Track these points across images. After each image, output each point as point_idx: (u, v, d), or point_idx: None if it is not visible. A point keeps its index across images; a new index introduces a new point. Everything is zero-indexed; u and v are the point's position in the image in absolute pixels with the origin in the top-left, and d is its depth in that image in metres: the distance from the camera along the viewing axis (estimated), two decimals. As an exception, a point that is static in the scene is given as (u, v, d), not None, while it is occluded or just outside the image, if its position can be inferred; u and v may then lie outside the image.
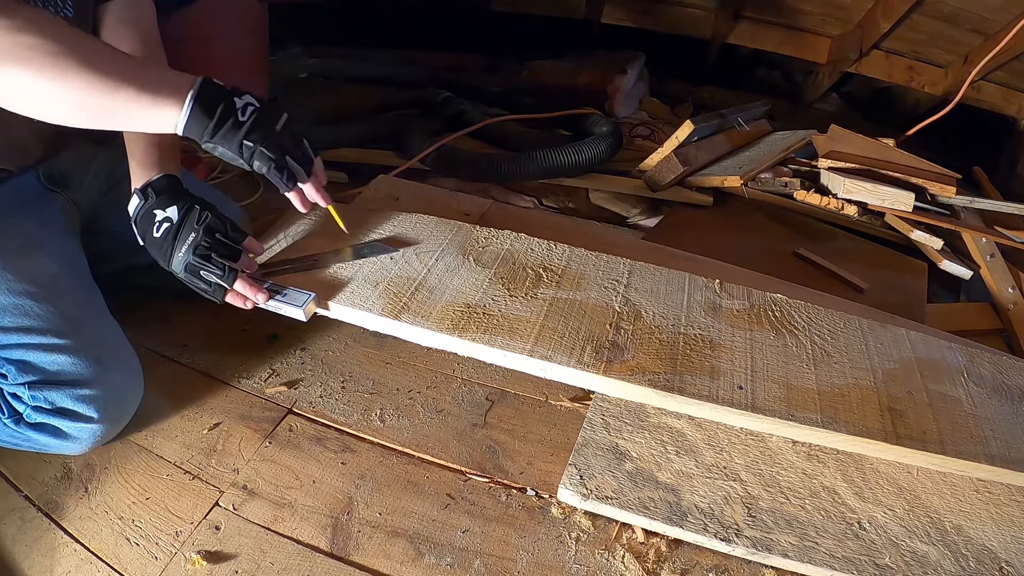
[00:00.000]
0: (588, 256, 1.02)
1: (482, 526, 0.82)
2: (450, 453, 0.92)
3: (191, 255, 0.82)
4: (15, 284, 0.82)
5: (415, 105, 2.10)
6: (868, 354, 0.90)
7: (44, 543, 0.79)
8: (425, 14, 2.81)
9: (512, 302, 0.92)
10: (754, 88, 2.63)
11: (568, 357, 0.84)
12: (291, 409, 0.98)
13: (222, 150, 0.76)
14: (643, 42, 2.54)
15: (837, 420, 0.79)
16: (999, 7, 1.76)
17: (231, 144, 0.76)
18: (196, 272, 0.83)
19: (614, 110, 2.20)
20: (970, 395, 0.86)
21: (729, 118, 1.86)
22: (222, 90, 0.76)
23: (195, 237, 0.82)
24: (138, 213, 0.85)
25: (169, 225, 0.83)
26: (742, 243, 1.44)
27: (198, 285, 0.85)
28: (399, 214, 1.08)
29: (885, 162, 1.58)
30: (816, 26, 2.27)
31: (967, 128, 2.02)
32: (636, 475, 0.84)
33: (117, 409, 0.86)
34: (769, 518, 0.79)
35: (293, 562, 0.77)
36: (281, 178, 0.80)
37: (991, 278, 1.38)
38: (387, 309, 0.89)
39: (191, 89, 0.73)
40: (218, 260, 0.83)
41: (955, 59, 2.06)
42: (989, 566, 0.75)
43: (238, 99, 0.76)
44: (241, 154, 0.76)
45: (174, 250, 0.83)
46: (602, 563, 0.78)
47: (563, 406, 1.00)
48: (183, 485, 0.86)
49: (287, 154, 0.79)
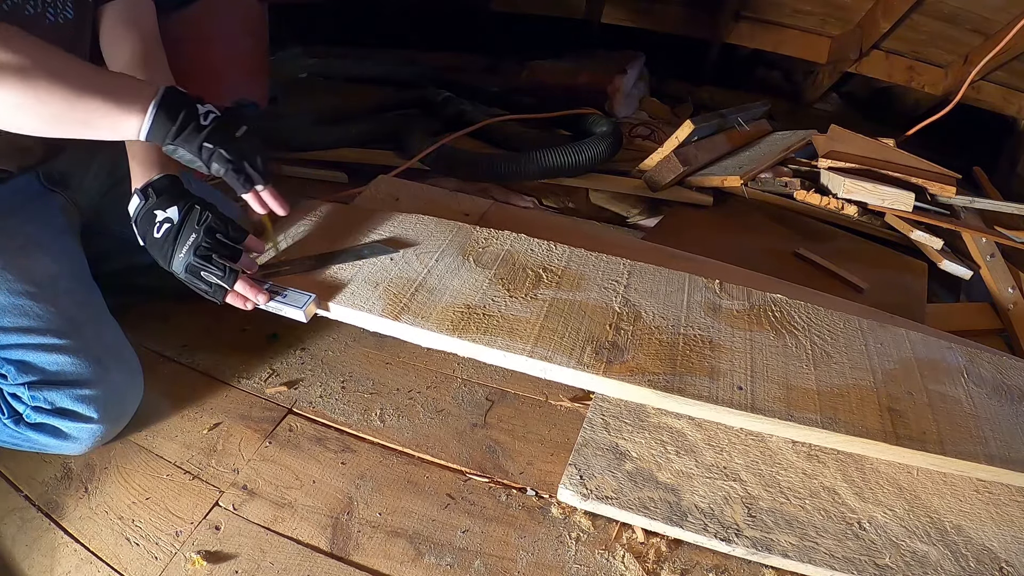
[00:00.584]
0: (588, 257, 1.02)
1: (482, 526, 0.82)
2: (450, 453, 0.92)
3: (192, 256, 0.82)
4: (15, 284, 0.82)
5: (415, 105, 2.10)
6: (868, 354, 0.90)
7: (44, 543, 0.79)
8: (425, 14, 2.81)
9: (512, 303, 0.92)
10: (754, 88, 2.63)
11: (568, 358, 0.84)
12: (291, 409, 0.98)
13: (182, 152, 0.78)
14: (643, 42, 2.54)
15: (837, 420, 0.79)
16: (999, 7, 1.76)
17: (191, 146, 0.77)
18: (197, 273, 0.83)
19: (614, 110, 2.20)
20: (970, 395, 0.86)
21: (729, 118, 1.86)
22: (186, 97, 0.78)
23: (196, 238, 0.82)
24: (138, 213, 0.85)
25: (170, 226, 0.83)
26: (742, 243, 1.44)
27: (198, 286, 0.85)
28: (399, 214, 1.08)
29: (885, 162, 1.58)
30: (816, 26, 2.27)
31: (967, 128, 2.02)
32: (636, 475, 0.84)
33: (117, 409, 0.86)
34: (769, 518, 0.79)
35: (293, 562, 0.77)
36: (238, 180, 0.82)
37: (991, 278, 1.38)
38: (387, 310, 0.89)
39: (154, 97, 0.76)
40: (219, 261, 0.83)
41: (955, 59, 2.07)
42: (989, 566, 0.75)
43: (200, 106, 0.78)
44: (200, 156, 0.78)
45: (175, 251, 0.83)
46: (602, 563, 0.78)
47: (563, 406, 1.00)
48: (183, 485, 0.86)
49: (245, 159, 0.81)
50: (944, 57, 2.10)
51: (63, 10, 0.87)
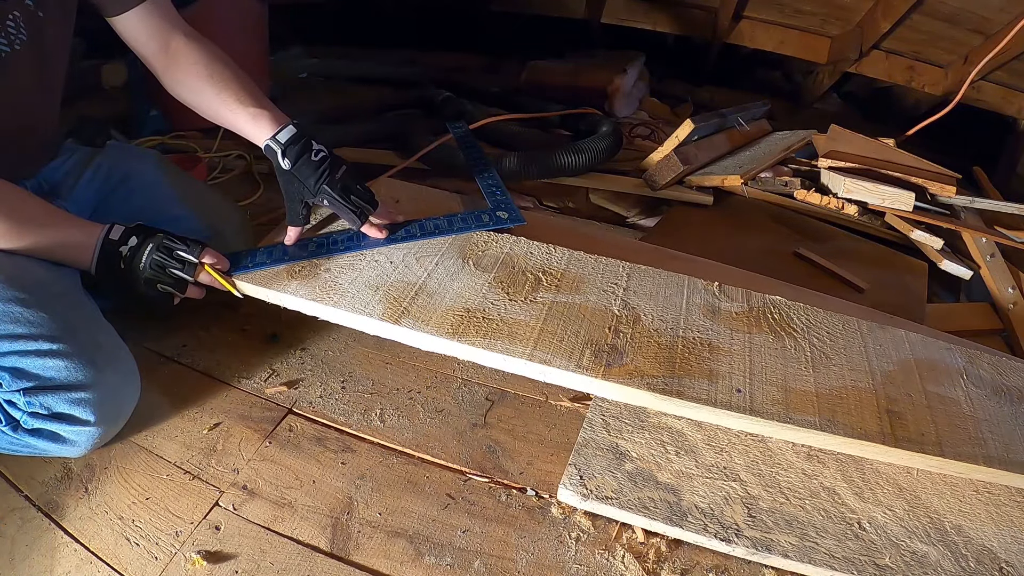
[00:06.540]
0: (587, 259, 1.02)
1: (482, 526, 0.83)
2: (450, 453, 0.92)
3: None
4: (5, 291, 0.80)
5: (415, 105, 2.10)
6: (867, 356, 0.90)
7: (44, 543, 0.79)
8: (425, 14, 2.81)
9: (512, 306, 0.92)
10: (754, 88, 2.63)
11: (567, 361, 0.84)
12: (291, 409, 0.98)
13: None
14: (643, 42, 2.54)
15: (835, 423, 0.79)
16: (999, 7, 1.76)
17: None
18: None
19: (614, 110, 2.21)
20: (969, 397, 0.86)
21: (729, 118, 1.86)
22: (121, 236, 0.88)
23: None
24: None
25: None
26: (742, 242, 1.44)
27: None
28: (399, 216, 1.08)
29: (885, 162, 1.58)
30: (816, 26, 2.27)
31: (967, 128, 2.02)
32: (636, 475, 0.84)
33: (114, 411, 0.85)
34: (769, 518, 0.79)
35: (293, 562, 0.77)
36: None
37: (991, 278, 1.38)
38: (388, 314, 0.89)
39: (95, 250, 0.86)
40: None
41: (955, 59, 2.07)
42: (989, 566, 0.75)
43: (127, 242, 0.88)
44: None
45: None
46: (602, 563, 0.78)
47: (563, 406, 1.01)
48: (183, 485, 0.86)
49: None
50: (944, 57, 2.10)
51: (17, 35, 0.85)
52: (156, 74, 1.00)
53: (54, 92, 0.97)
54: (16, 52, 0.85)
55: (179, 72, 0.98)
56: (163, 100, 1.85)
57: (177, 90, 0.99)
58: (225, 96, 0.96)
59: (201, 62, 0.97)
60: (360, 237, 1.02)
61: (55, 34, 0.92)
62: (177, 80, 0.98)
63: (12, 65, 0.84)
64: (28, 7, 0.86)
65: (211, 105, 0.98)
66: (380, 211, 1.02)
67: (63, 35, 0.94)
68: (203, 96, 0.98)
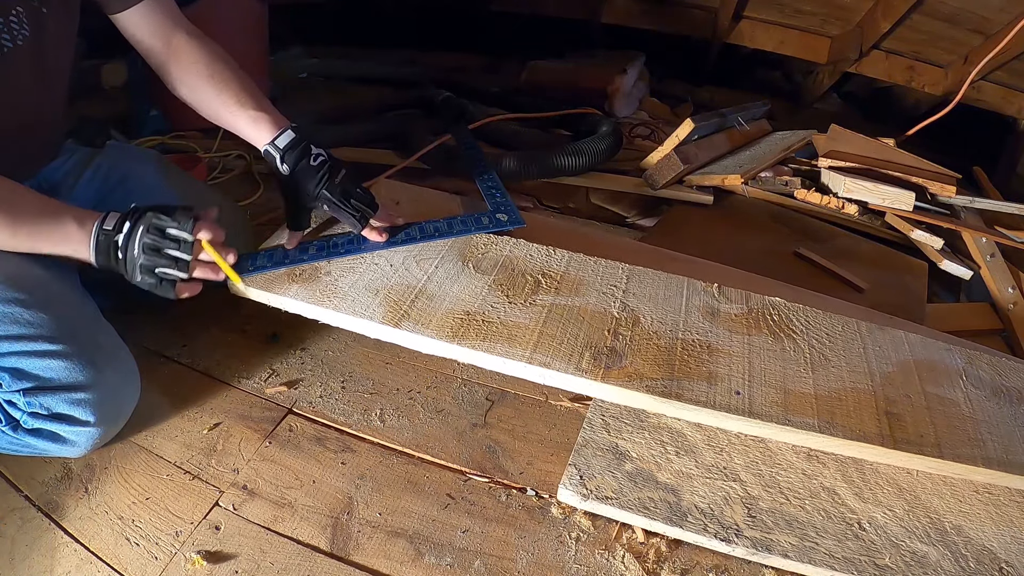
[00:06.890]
0: (587, 261, 1.02)
1: (482, 526, 0.83)
2: (450, 453, 0.92)
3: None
4: (5, 292, 0.80)
5: (415, 105, 2.10)
6: (866, 357, 0.90)
7: (44, 543, 0.79)
8: (425, 14, 2.81)
9: (511, 309, 0.92)
10: (754, 88, 2.63)
11: (567, 364, 0.84)
12: (291, 409, 0.98)
13: None
14: (643, 42, 2.54)
15: (834, 424, 0.79)
16: (999, 7, 1.76)
17: None
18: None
19: (614, 110, 2.20)
20: (968, 398, 0.86)
21: (729, 118, 1.86)
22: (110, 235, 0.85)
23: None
24: None
25: None
26: (742, 242, 1.44)
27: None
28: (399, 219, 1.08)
29: (885, 162, 1.59)
30: (816, 26, 2.27)
31: (967, 128, 2.02)
32: (636, 475, 0.84)
33: (113, 411, 0.85)
34: (769, 518, 0.79)
35: (293, 562, 0.77)
36: None
37: (991, 278, 1.38)
38: (388, 317, 0.89)
39: (91, 242, 0.84)
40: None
41: (955, 59, 2.07)
42: (989, 566, 0.75)
43: None
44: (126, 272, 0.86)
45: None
46: (602, 563, 0.78)
47: (563, 406, 1.01)
48: (183, 485, 0.86)
49: None
50: (944, 57, 2.10)
51: (20, 31, 0.85)
52: (157, 71, 1.00)
53: (56, 91, 0.97)
54: (18, 47, 0.84)
55: (180, 70, 0.98)
56: (163, 100, 1.86)
57: (177, 88, 0.99)
58: (225, 97, 0.96)
59: (202, 61, 0.97)
60: (360, 240, 1.01)
61: (58, 31, 0.91)
62: (178, 78, 0.98)
63: (13, 61, 0.84)
64: (32, 3, 0.85)
65: (211, 105, 0.98)
66: (380, 214, 1.01)
67: (67, 33, 0.94)
68: (203, 95, 0.98)
